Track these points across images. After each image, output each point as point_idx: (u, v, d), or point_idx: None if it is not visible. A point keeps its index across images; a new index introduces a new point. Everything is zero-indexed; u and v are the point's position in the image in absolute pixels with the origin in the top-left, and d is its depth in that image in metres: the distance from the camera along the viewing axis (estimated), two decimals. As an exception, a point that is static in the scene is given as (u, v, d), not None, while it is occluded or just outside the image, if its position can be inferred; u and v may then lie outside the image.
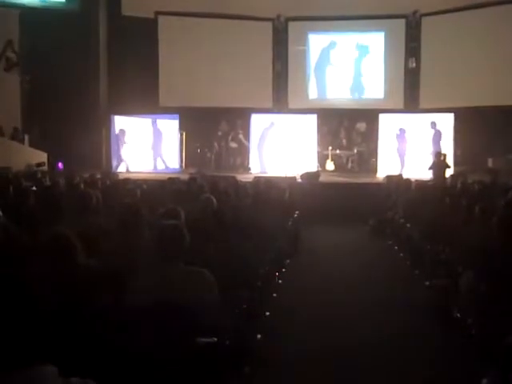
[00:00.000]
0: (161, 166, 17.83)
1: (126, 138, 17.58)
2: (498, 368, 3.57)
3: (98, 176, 11.38)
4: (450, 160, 14.69)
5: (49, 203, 6.64)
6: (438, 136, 16.44)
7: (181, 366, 3.30)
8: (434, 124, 16.53)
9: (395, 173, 15.48)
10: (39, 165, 15.62)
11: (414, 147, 16.65)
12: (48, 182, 10.28)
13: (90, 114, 17.79)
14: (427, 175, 14.78)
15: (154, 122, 17.97)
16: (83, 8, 18.39)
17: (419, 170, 15.91)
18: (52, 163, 16.41)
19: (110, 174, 12.96)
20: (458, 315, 5.41)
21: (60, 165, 16.69)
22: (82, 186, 9.05)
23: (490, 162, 16.51)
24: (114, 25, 19.04)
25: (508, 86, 16.93)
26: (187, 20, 19.00)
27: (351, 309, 6.85)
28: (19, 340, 1.72)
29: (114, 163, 17.45)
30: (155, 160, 17.96)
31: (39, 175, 12.02)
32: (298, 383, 4.83)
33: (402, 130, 16.79)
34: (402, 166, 16.59)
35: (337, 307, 6.90)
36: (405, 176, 13.39)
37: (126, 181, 10.49)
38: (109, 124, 17.61)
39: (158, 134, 17.92)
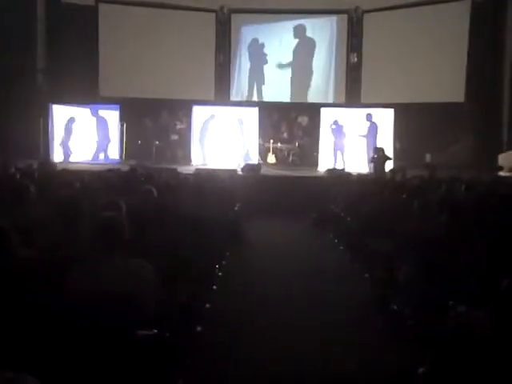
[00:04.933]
0: (101, 157, 17.55)
1: (74, 127, 17.27)
2: (434, 358, 3.64)
3: (35, 166, 11.12)
4: (389, 154, 14.88)
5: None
6: (374, 129, 16.69)
7: (120, 359, 3.26)
8: (370, 116, 16.76)
9: (336, 166, 15.70)
10: (-28, 154, 15.18)
11: (355, 141, 16.84)
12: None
13: (27, 102, 17.30)
14: (367, 169, 15.05)
15: (94, 112, 17.65)
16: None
17: (359, 164, 16.18)
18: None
19: (46, 164, 12.65)
20: (396, 307, 5.51)
21: (-6, 154, 16.25)
22: (18, 176, 8.80)
23: (427, 158, 16.89)
24: (54, 11, 18.56)
25: (445, 84, 17.33)
26: (129, 9, 18.69)
27: (290, 301, 6.89)
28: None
29: (63, 153, 17.11)
30: (97, 151, 17.66)
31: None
32: (238, 374, 4.82)
33: (339, 125, 16.96)
34: (342, 159, 16.76)
35: (277, 300, 6.93)
36: (345, 170, 13.55)
37: (65, 171, 10.27)
38: (47, 113, 17.20)
39: (98, 124, 17.61)
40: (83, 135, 17.45)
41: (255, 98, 19.59)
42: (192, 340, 5.09)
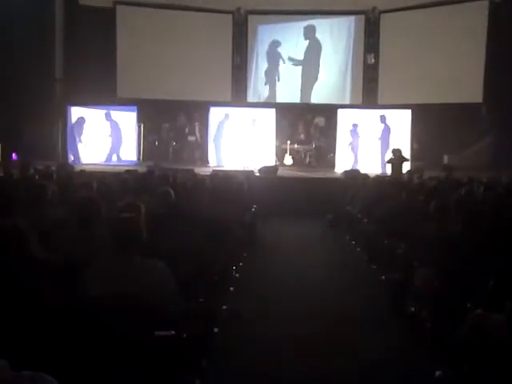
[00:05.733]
0: (113, 159, 17.63)
1: (85, 128, 17.39)
2: (452, 360, 3.63)
3: (53, 168, 11.20)
4: (407, 155, 14.80)
5: (2, 194, 6.50)
6: (387, 130, 16.67)
7: (138, 359, 3.27)
8: (383, 118, 16.75)
9: (353, 168, 15.64)
10: (-9, 156, 15.29)
11: (372, 143, 16.80)
12: (1, 173, 10.06)
13: (45, 104, 17.43)
14: (385, 170, 15.01)
15: (110, 114, 17.74)
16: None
17: (376, 165, 16.14)
18: (6, 154, 16.06)
19: (65, 165, 12.74)
20: (413, 309, 5.49)
21: (14, 156, 16.35)
22: (37, 177, 8.88)
23: (445, 159, 16.80)
24: (71, 14, 18.67)
25: (463, 84, 17.22)
26: (146, 10, 18.77)
27: (308, 302, 6.88)
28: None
29: (73, 155, 17.23)
30: (112, 152, 17.75)
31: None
32: (254, 376, 4.83)
33: (356, 126, 16.97)
34: (358, 161, 16.74)
35: (294, 301, 6.93)
36: (362, 171, 13.50)
37: (82, 173, 10.34)
38: (65, 115, 17.32)
39: (115, 125, 17.70)
40: (96, 137, 17.55)
41: (272, 99, 19.59)
42: (209, 341, 5.10)
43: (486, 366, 3.01)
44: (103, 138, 17.60)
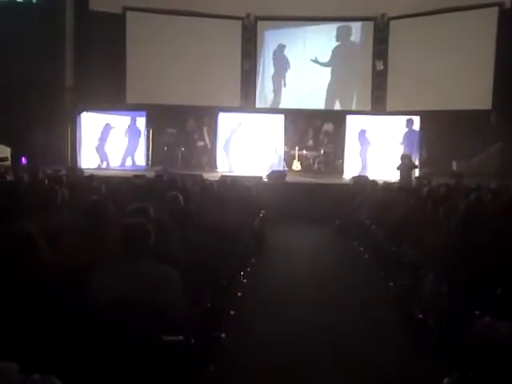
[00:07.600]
0: (128, 164, 17.71)
1: (107, 134, 17.52)
2: (459, 368, 3.62)
3: (63, 172, 11.24)
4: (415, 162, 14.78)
5: (11, 199, 6.53)
6: (412, 135, 16.58)
7: (146, 364, 3.28)
8: (410, 122, 16.65)
9: (361, 174, 15.60)
10: (2, 159, 15.36)
11: (380, 149, 16.77)
12: (11, 177, 10.11)
13: (55, 109, 17.51)
14: (393, 177, 14.97)
15: (131, 119, 17.84)
16: (49, 2, 18.11)
17: (385, 171, 16.08)
18: (16, 158, 16.14)
19: (74, 169, 12.79)
20: (421, 316, 5.48)
21: (24, 160, 16.43)
22: (47, 181, 8.91)
23: (454, 166, 16.75)
24: (81, 19, 18.75)
25: (472, 91, 17.17)
26: (156, 16, 18.83)
27: (315, 308, 6.87)
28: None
29: (97, 160, 17.36)
30: (122, 157, 17.82)
31: (2, 170, 11.81)
32: (263, 382, 4.83)
33: (365, 132, 16.94)
34: (366, 167, 16.71)
35: (301, 307, 6.92)
36: (371, 177, 13.48)
37: (92, 177, 10.37)
38: (74, 119, 17.38)
39: (132, 131, 17.78)
40: (114, 141, 17.66)
41: (279, 105, 19.60)
42: (217, 346, 5.11)
43: (493, 375, 3.00)
44: (115, 142, 17.69)
